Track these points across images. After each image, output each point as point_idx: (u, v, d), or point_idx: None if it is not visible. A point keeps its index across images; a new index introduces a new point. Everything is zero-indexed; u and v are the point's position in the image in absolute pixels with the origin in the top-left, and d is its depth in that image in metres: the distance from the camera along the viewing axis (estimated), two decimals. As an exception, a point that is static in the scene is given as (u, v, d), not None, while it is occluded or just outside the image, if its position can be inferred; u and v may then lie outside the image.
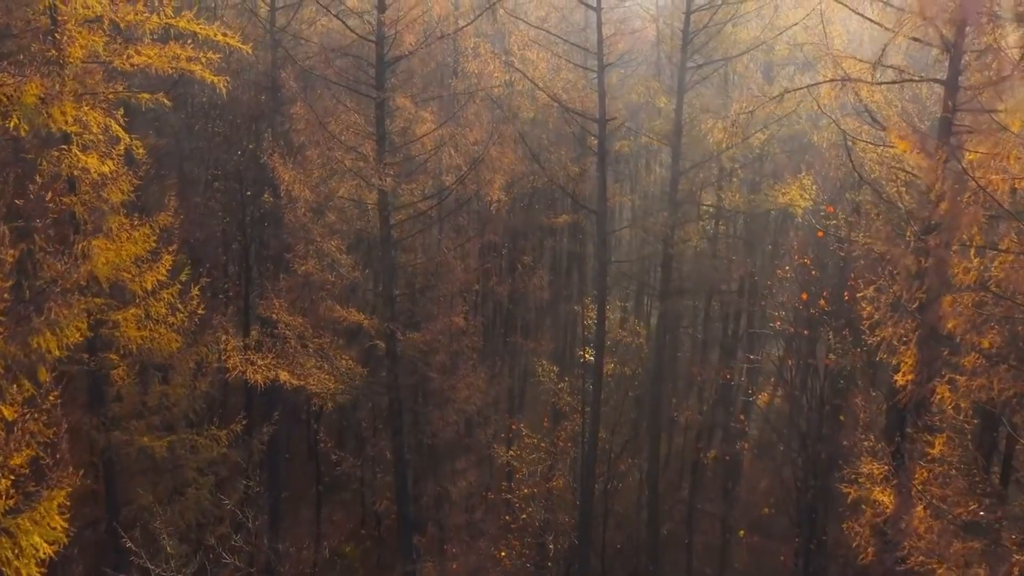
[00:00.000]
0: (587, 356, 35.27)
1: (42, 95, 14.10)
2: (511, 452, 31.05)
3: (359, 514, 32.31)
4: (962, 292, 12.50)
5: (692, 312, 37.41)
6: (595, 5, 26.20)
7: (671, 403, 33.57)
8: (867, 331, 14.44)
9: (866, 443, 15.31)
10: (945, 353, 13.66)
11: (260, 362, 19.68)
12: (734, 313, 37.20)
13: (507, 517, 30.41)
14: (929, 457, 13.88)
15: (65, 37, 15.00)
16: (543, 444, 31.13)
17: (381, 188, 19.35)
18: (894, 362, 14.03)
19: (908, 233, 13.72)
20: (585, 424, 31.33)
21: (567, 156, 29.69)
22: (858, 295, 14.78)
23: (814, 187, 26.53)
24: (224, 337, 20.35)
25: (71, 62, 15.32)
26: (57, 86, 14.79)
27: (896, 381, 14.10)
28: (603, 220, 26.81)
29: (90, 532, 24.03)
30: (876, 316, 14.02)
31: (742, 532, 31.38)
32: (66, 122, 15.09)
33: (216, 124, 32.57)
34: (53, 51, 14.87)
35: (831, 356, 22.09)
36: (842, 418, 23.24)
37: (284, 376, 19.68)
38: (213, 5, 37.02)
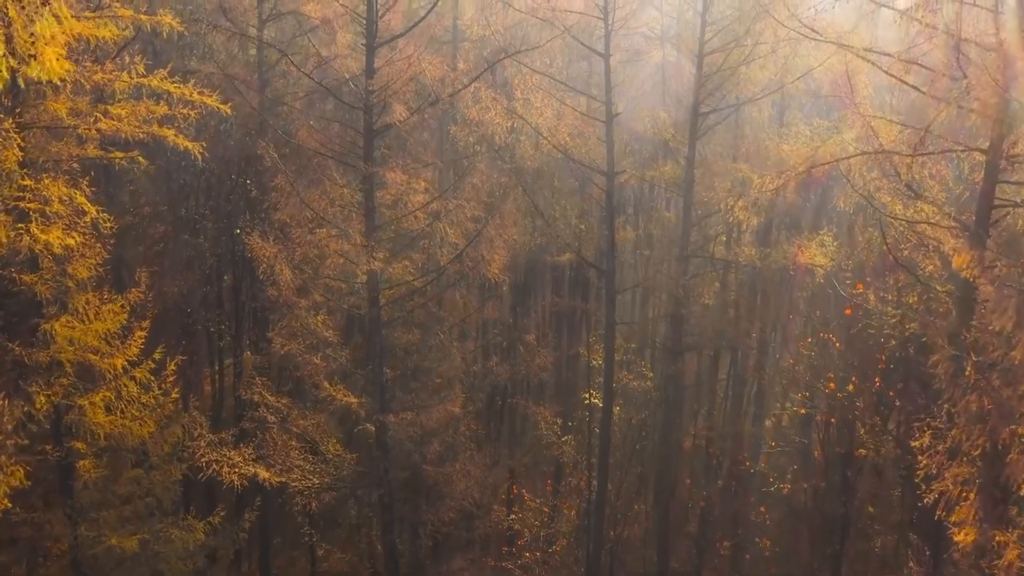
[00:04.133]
0: (593, 399, 33.60)
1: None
2: (513, 515, 29.38)
3: (354, 559, 30.43)
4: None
5: (697, 363, 35.48)
6: (603, 52, 24.53)
7: (683, 482, 31.79)
8: (922, 486, 12.79)
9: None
10: (1014, 512, 12.02)
11: (237, 458, 17.92)
12: (743, 361, 35.31)
13: (508, 585, 28.79)
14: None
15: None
16: (546, 507, 29.48)
17: (370, 270, 17.58)
18: (953, 519, 12.38)
19: (968, 370, 12.08)
20: (592, 478, 29.72)
21: (572, 211, 27.94)
22: (912, 443, 13.14)
23: (835, 244, 24.69)
24: (198, 431, 18.54)
25: (7, 167, 13.54)
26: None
27: (956, 539, 12.41)
28: (611, 280, 25.12)
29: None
30: (932, 468, 12.38)
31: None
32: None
33: (205, 162, 30.95)
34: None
35: (863, 451, 20.39)
36: (871, 509, 21.56)
37: (263, 474, 17.93)
38: (203, 31, 35.44)
